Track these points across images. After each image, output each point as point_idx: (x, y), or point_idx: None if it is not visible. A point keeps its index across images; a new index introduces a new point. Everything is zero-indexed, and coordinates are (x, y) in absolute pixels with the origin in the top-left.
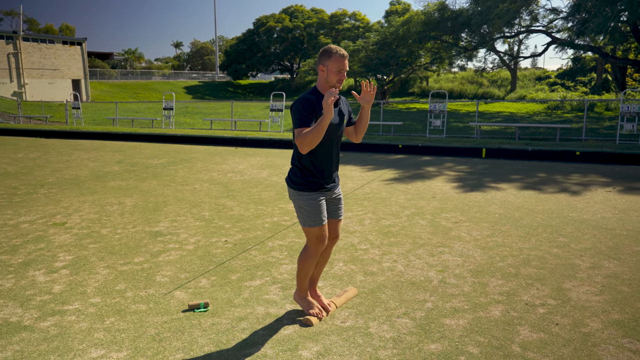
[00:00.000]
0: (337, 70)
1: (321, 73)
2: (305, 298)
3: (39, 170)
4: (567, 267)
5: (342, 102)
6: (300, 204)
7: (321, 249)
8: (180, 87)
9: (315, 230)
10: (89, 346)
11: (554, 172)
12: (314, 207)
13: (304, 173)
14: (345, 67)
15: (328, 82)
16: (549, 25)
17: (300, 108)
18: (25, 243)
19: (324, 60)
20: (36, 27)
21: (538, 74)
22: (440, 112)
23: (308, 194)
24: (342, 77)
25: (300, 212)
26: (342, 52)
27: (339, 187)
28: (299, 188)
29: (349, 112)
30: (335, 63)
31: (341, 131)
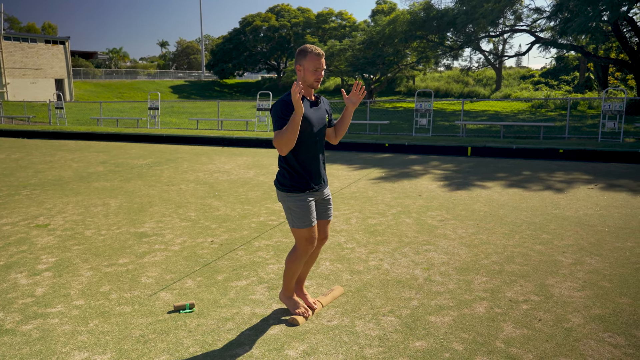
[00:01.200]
0: (313, 69)
1: (299, 73)
2: (291, 298)
3: (21, 172)
4: (550, 263)
5: (322, 101)
6: (289, 206)
7: (310, 250)
8: (166, 87)
9: (305, 231)
10: (73, 349)
11: (538, 170)
12: (303, 209)
13: (291, 174)
14: (322, 65)
15: (305, 81)
16: (533, 24)
17: (277, 111)
18: (7, 245)
19: (300, 59)
20: (18, 25)
21: (522, 73)
22: (426, 111)
23: (297, 195)
24: (319, 75)
25: (290, 214)
26: (317, 51)
27: (327, 188)
28: (287, 190)
29: (330, 113)
30: (311, 62)
31: (323, 130)
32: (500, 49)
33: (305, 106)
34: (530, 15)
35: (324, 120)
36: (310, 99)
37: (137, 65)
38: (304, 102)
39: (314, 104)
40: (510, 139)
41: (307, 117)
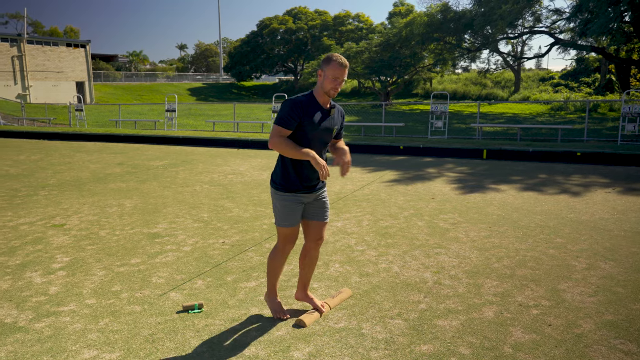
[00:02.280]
0: (332, 78)
1: (319, 77)
2: (274, 300)
3: (41, 172)
4: (563, 268)
5: (337, 112)
6: (275, 203)
7: (288, 249)
8: (184, 89)
9: (285, 230)
10: (82, 347)
11: (555, 173)
12: (287, 210)
13: (284, 174)
14: (342, 76)
15: (323, 87)
16: (552, 26)
17: (287, 107)
18: (24, 244)
19: (324, 65)
20: (41, 29)
21: (542, 75)
22: (442, 114)
23: (284, 195)
24: (337, 85)
25: (275, 211)
26: (341, 61)
27: (324, 190)
28: (276, 187)
29: (341, 124)
30: (332, 70)
31: (328, 140)
32: (518, 51)
33: (317, 115)
34: (549, 17)
35: (331, 130)
36: (324, 107)
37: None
38: (317, 109)
39: (326, 114)
40: (527, 142)
41: (315, 126)
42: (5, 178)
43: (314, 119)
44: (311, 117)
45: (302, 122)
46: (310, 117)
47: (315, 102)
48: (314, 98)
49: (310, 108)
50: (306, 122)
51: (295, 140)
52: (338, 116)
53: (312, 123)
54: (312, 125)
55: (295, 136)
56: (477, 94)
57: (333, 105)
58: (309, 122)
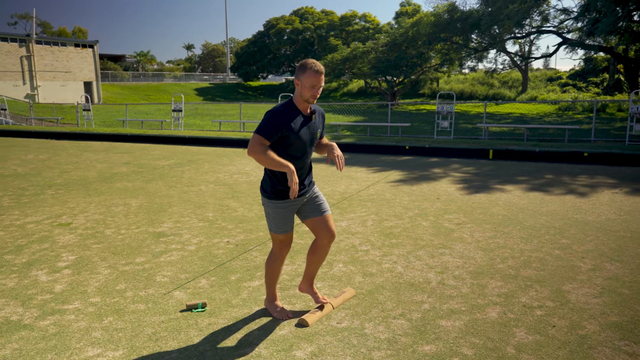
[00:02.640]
0: (310, 86)
1: (297, 87)
2: (273, 302)
3: (48, 172)
4: (568, 269)
5: (317, 114)
6: (268, 211)
7: (285, 253)
8: (191, 89)
9: (280, 236)
10: (86, 345)
11: (561, 174)
12: (281, 217)
13: (273, 181)
14: (319, 83)
15: (302, 96)
16: (560, 25)
17: (269, 118)
18: (30, 243)
19: (300, 74)
20: (50, 30)
21: (549, 75)
22: (448, 114)
23: (276, 203)
24: (316, 92)
25: (268, 218)
26: (317, 68)
27: (314, 188)
28: (268, 196)
29: (323, 125)
30: (308, 78)
31: (312, 145)
32: (526, 51)
33: (298, 121)
34: (557, 16)
35: (314, 135)
36: (305, 113)
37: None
38: (298, 116)
39: (307, 119)
40: (534, 142)
41: (297, 134)
42: (13, 177)
43: (296, 127)
44: (293, 126)
45: (285, 133)
46: (293, 126)
47: (296, 110)
48: (294, 106)
49: (292, 117)
50: (289, 131)
51: (281, 147)
52: (319, 119)
53: (295, 132)
54: (295, 133)
55: (280, 144)
56: (484, 94)
57: (313, 110)
58: (292, 131)
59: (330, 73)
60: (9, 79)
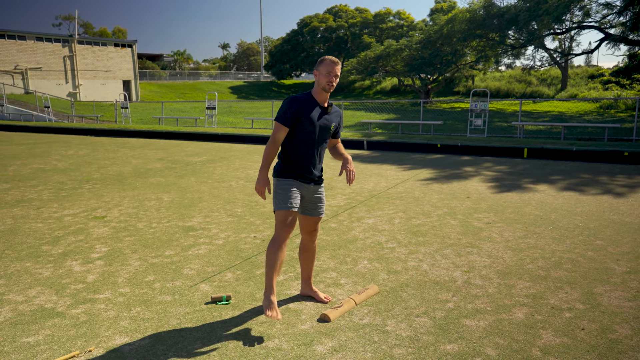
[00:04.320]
0: (326, 73)
1: (315, 77)
2: (268, 296)
3: (86, 167)
4: (601, 271)
5: (334, 110)
6: (275, 188)
7: (285, 237)
8: (225, 87)
9: (283, 213)
10: (114, 333)
11: (598, 173)
12: (286, 191)
13: (283, 162)
14: (335, 71)
15: (319, 84)
16: (602, 20)
17: (285, 104)
18: (66, 235)
19: (318, 65)
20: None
21: (591, 72)
22: (482, 111)
23: (283, 180)
24: (331, 79)
25: (275, 196)
26: (332, 59)
27: (321, 186)
28: (276, 175)
29: (338, 124)
30: (325, 66)
31: (325, 137)
32: (566, 47)
33: (314, 109)
34: (599, 11)
35: (329, 127)
36: (322, 105)
37: (199, 66)
38: (315, 105)
39: (324, 111)
40: (571, 141)
41: (311, 120)
42: (53, 172)
43: (312, 115)
44: (309, 113)
45: (300, 119)
46: (308, 113)
47: (313, 100)
48: (312, 97)
49: (308, 105)
50: (304, 118)
51: (295, 135)
52: (335, 115)
53: (310, 119)
54: (310, 121)
55: (294, 132)
56: (521, 92)
57: (331, 104)
58: (307, 118)
59: (363, 71)
60: (52, 77)
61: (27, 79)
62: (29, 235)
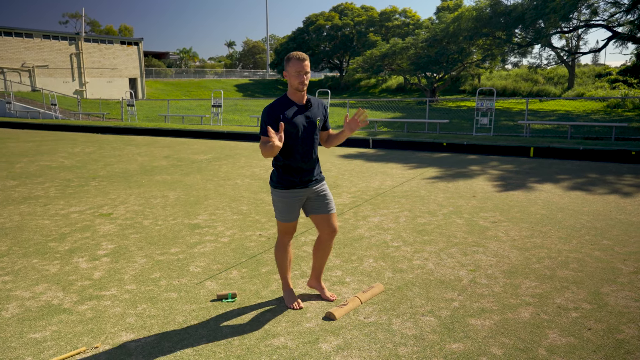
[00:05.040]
0: (295, 73)
1: (286, 78)
2: (286, 290)
3: (93, 164)
4: (608, 271)
5: (315, 103)
6: (274, 199)
7: (287, 240)
8: (231, 85)
9: (285, 224)
10: (120, 330)
11: (606, 173)
12: (285, 206)
13: (279, 171)
14: (304, 69)
15: (291, 85)
16: (610, 19)
17: (263, 116)
18: (73, 232)
19: (286, 66)
20: (98, 28)
21: (598, 71)
22: (488, 110)
23: (281, 192)
24: (302, 79)
25: (274, 206)
26: (299, 56)
27: (322, 184)
28: (274, 185)
29: (323, 116)
30: (293, 67)
31: (313, 134)
32: (573, 46)
33: (292, 110)
34: (607, 9)
35: (313, 123)
36: (300, 104)
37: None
38: (292, 106)
39: (302, 109)
40: (578, 140)
41: (292, 122)
42: (60, 169)
43: (289, 116)
44: (289, 117)
45: (277, 123)
46: (287, 116)
47: (288, 102)
48: (288, 98)
49: (283, 108)
50: (285, 122)
51: (285, 141)
52: (318, 108)
53: (292, 122)
54: (292, 124)
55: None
56: (527, 91)
57: (309, 99)
58: (288, 121)
59: (368, 69)
60: (59, 75)
61: (34, 76)
62: (36, 232)
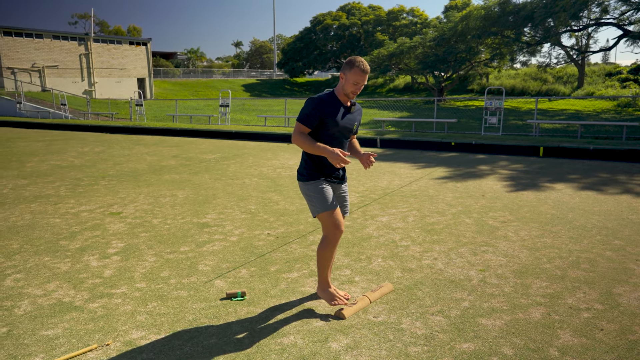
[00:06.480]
0: (353, 82)
1: (341, 80)
2: (327, 290)
3: (102, 164)
4: (620, 271)
5: (356, 109)
6: (308, 193)
7: (339, 236)
8: (238, 85)
9: (328, 214)
10: (131, 327)
11: (617, 173)
12: (322, 193)
13: (310, 164)
14: (363, 81)
15: (344, 89)
16: (621, 17)
17: (310, 105)
18: (83, 230)
19: (346, 70)
20: (107, 28)
21: (608, 70)
22: (497, 109)
23: (313, 182)
24: (357, 89)
25: (311, 201)
26: (363, 67)
27: (345, 185)
28: (305, 179)
29: (359, 121)
30: (354, 76)
31: (349, 135)
32: (583, 44)
33: (338, 110)
34: (617, 7)
35: (352, 126)
36: (346, 105)
37: (212, 64)
38: (340, 106)
39: (347, 111)
40: (588, 139)
41: (335, 121)
42: (70, 168)
43: (336, 116)
44: (332, 114)
45: (324, 120)
46: (332, 114)
47: (337, 100)
48: (335, 96)
49: (332, 106)
50: (328, 119)
51: (318, 136)
52: (358, 114)
53: (334, 120)
54: (334, 122)
55: (318, 132)
56: (536, 90)
57: (353, 103)
58: (331, 120)
59: (376, 69)
60: (68, 75)
61: (44, 76)
62: (47, 231)
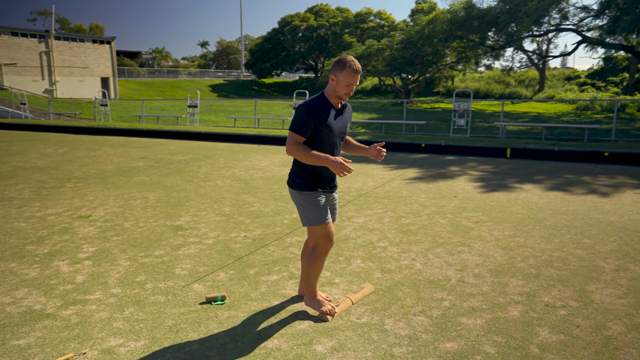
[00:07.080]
0: (346, 84)
1: (331, 82)
2: (315, 298)
3: (67, 165)
4: (591, 269)
5: (347, 110)
6: (302, 203)
7: (330, 247)
8: (205, 86)
9: (322, 228)
10: (108, 335)
11: (581, 173)
12: (318, 206)
13: (305, 173)
14: (356, 82)
15: (335, 92)
16: (579, 23)
17: (303, 113)
18: (51, 234)
19: (337, 70)
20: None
21: (567, 74)
22: (465, 112)
23: (309, 193)
24: (350, 91)
25: (304, 212)
26: (355, 67)
27: (336, 193)
28: (300, 188)
29: (350, 121)
30: (346, 77)
31: (342, 138)
32: (544, 49)
33: (331, 114)
34: (576, 14)
35: (344, 128)
36: (337, 107)
37: (178, 64)
38: (331, 109)
39: (339, 113)
40: (553, 141)
41: (329, 127)
42: (33, 170)
43: (329, 120)
44: (326, 119)
45: (318, 127)
46: (325, 119)
47: (328, 104)
48: (326, 100)
49: (324, 111)
50: (322, 126)
51: (313, 141)
52: (348, 114)
53: (328, 125)
54: (328, 126)
55: (312, 141)
56: (500, 93)
57: (345, 104)
58: (325, 125)
59: None
60: (28, 74)
61: (2, 74)
62: (12, 235)
